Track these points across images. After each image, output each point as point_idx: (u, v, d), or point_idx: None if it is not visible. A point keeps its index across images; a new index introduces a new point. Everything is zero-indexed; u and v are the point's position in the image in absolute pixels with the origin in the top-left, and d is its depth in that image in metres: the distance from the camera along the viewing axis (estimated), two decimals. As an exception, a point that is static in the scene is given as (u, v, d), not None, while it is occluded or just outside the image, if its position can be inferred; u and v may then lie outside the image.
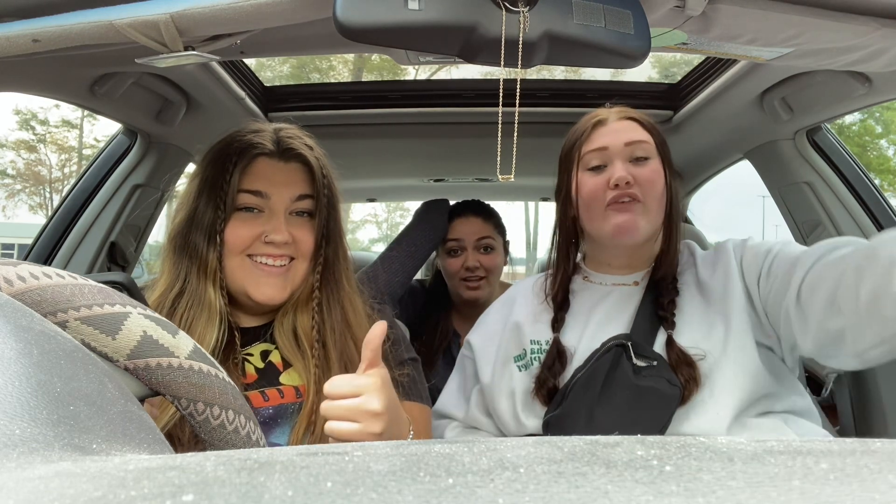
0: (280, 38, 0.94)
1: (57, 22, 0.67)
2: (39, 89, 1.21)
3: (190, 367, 0.39)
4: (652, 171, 1.04)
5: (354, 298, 1.00)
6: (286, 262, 0.95)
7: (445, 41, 0.64)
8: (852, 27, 0.75)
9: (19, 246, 19.55)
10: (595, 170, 1.06)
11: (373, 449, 0.20)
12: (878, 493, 0.16)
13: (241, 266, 0.93)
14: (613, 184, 1.02)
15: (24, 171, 21.44)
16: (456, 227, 1.78)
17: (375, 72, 5.76)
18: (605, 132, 1.07)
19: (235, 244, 0.93)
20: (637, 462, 0.18)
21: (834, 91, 1.35)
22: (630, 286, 1.10)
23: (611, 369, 0.98)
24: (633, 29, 0.67)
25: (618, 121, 1.09)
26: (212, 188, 0.94)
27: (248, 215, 0.94)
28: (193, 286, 0.92)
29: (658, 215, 1.05)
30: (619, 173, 1.01)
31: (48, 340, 0.28)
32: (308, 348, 0.94)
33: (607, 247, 1.10)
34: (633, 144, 1.05)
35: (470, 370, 1.20)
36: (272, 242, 0.93)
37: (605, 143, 1.06)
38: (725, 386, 0.94)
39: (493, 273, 1.79)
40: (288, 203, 0.95)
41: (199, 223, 0.94)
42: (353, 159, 2.21)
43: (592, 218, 1.06)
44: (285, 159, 0.97)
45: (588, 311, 1.10)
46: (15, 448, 0.21)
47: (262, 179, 0.94)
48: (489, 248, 1.78)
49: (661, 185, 1.05)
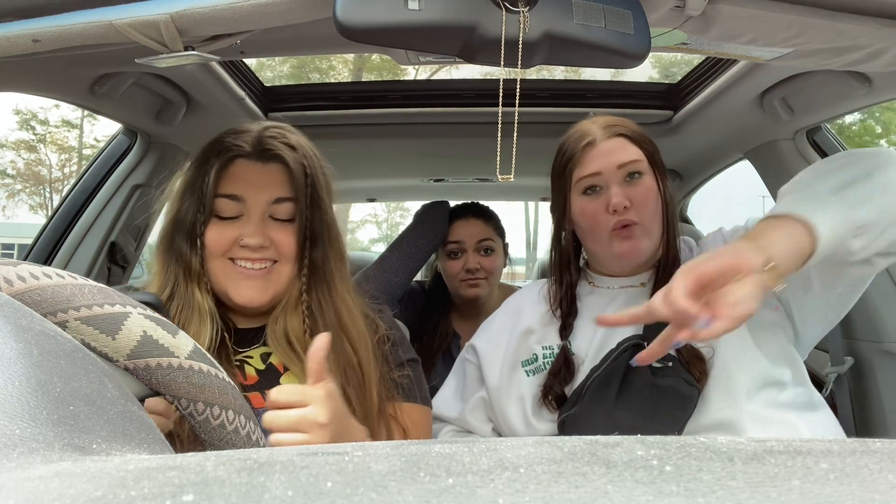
0: (280, 38, 0.94)
1: (57, 22, 0.67)
2: (39, 89, 1.21)
3: (190, 367, 0.39)
4: (646, 189, 1.06)
5: (349, 300, 0.98)
6: (267, 264, 0.93)
7: (445, 41, 0.64)
8: (852, 27, 0.75)
9: (19, 246, 19.54)
10: (591, 193, 1.08)
11: (373, 449, 0.20)
12: (878, 493, 0.16)
13: (222, 269, 0.93)
14: (612, 209, 1.03)
15: (24, 171, 21.45)
16: (456, 230, 1.79)
17: (375, 72, 5.76)
18: (595, 154, 1.07)
19: (215, 248, 0.92)
20: (637, 462, 0.18)
21: (834, 91, 1.35)
22: (637, 287, 1.11)
23: (628, 369, 0.99)
24: (633, 29, 0.67)
25: (606, 140, 1.08)
26: (192, 191, 0.94)
27: (227, 219, 0.93)
28: (182, 289, 0.92)
29: (657, 228, 1.07)
30: (615, 199, 1.03)
31: (48, 340, 0.28)
32: (303, 352, 0.92)
33: (611, 263, 1.12)
34: (625, 166, 1.06)
35: (472, 375, 1.19)
36: (247, 246, 0.91)
37: (597, 169, 1.06)
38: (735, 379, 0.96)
39: (493, 274, 1.79)
40: (265, 206, 0.93)
41: (182, 226, 0.93)
42: (354, 159, 2.21)
43: (596, 242, 1.08)
44: (263, 160, 0.95)
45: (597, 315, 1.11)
46: (15, 448, 0.21)
47: (239, 182, 0.93)
48: (489, 250, 1.79)
49: (656, 199, 1.07)
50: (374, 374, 0.93)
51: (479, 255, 1.77)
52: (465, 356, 1.23)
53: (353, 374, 0.91)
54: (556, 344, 1.09)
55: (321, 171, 0.99)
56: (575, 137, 1.11)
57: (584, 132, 1.11)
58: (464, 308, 1.85)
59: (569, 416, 1.02)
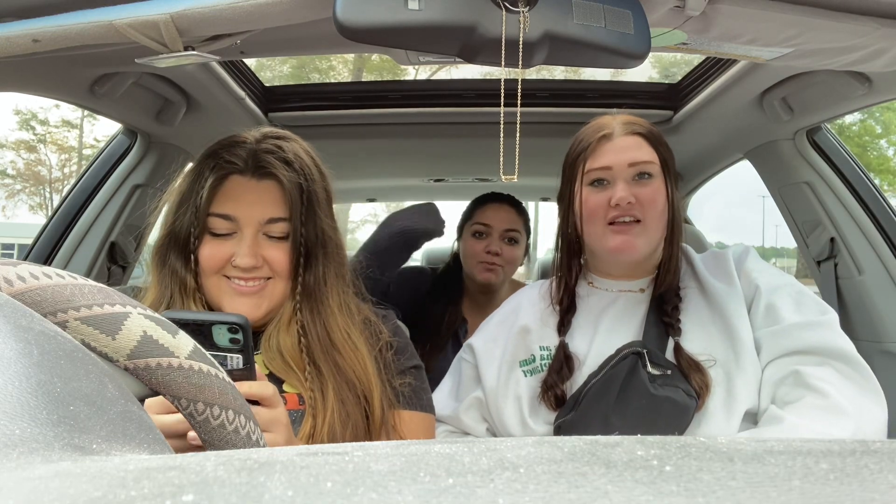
0: (280, 38, 0.94)
1: (57, 22, 0.67)
2: (39, 89, 1.21)
3: (190, 367, 0.39)
4: (654, 190, 1.04)
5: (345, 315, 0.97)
6: (260, 282, 0.93)
7: (445, 41, 0.64)
8: (852, 27, 0.75)
9: (19, 246, 19.54)
10: (598, 185, 1.07)
11: (373, 449, 0.20)
12: (878, 493, 0.16)
13: (216, 285, 0.92)
14: (614, 203, 1.02)
15: (24, 171, 21.45)
16: (487, 212, 1.82)
17: (375, 72, 5.76)
18: (610, 149, 1.06)
19: (209, 266, 0.91)
20: (637, 462, 0.18)
21: (834, 91, 1.35)
22: (636, 293, 1.11)
23: (627, 377, 0.99)
24: (633, 29, 0.67)
25: (623, 136, 1.07)
26: (186, 205, 0.92)
27: (220, 236, 0.92)
28: (178, 304, 0.92)
29: (658, 231, 1.06)
30: (619, 194, 1.02)
31: (48, 340, 0.28)
32: (299, 371, 0.92)
33: (607, 260, 1.12)
34: (636, 165, 1.05)
35: (468, 374, 1.19)
36: (239, 266, 0.90)
37: (609, 163, 1.05)
38: (736, 393, 0.96)
39: (511, 264, 1.82)
40: (258, 225, 0.92)
41: (176, 241, 0.93)
42: (354, 159, 2.21)
43: (592, 233, 1.07)
44: (258, 177, 0.93)
45: (596, 317, 1.10)
46: (15, 448, 0.21)
47: (232, 201, 0.91)
48: (514, 241, 1.82)
49: (663, 203, 1.05)
50: (376, 386, 0.92)
51: (504, 243, 1.80)
52: (462, 356, 1.22)
53: (351, 390, 0.91)
54: (554, 344, 1.09)
55: (320, 182, 0.97)
56: (592, 129, 1.11)
57: (602, 125, 1.10)
58: (476, 295, 1.87)
59: (564, 421, 1.02)
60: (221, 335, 0.71)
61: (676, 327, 1.03)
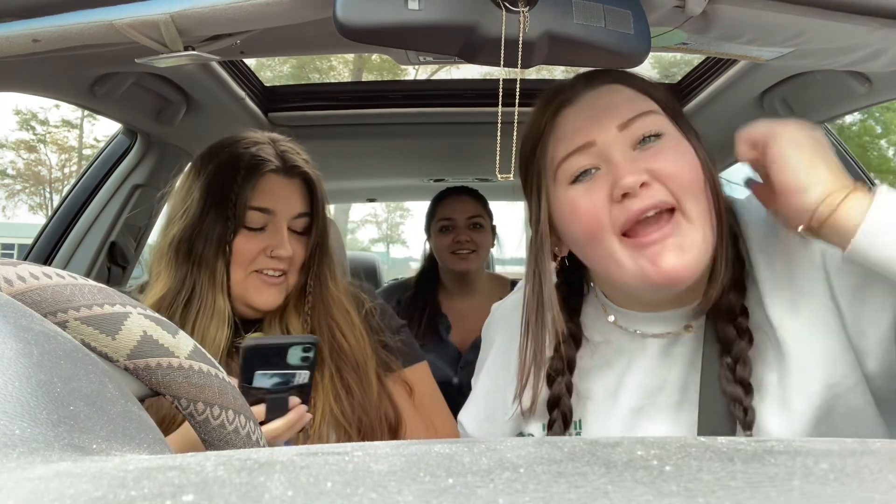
0: (280, 38, 0.94)
1: (57, 22, 0.67)
2: (39, 89, 1.21)
3: (190, 367, 0.39)
4: (674, 152, 0.67)
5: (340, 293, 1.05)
6: (284, 274, 1.00)
7: (445, 41, 0.64)
8: (852, 27, 0.75)
9: (19, 246, 19.54)
10: (583, 178, 0.69)
11: (373, 449, 0.20)
12: (878, 493, 0.16)
13: (246, 277, 0.98)
14: (620, 194, 0.65)
15: (24, 171, 21.45)
16: (448, 206, 1.92)
17: (375, 72, 5.76)
18: (579, 115, 0.70)
19: (243, 258, 0.97)
20: (637, 462, 0.18)
21: (834, 91, 1.35)
22: (678, 334, 0.71)
23: None
24: (633, 29, 0.67)
25: (590, 91, 0.72)
26: (219, 201, 0.97)
27: (254, 230, 0.99)
28: (201, 294, 0.96)
29: (705, 217, 0.66)
30: (625, 177, 0.64)
31: (48, 340, 0.28)
32: None
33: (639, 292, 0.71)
34: (631, 123, 0.68)
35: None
36: (276, 257, 0.97)
37: (586, 137, 0.68)
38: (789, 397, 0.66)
39: (482, 247, 1.91)
40: (289, 219, 1.00)
41: (208, 235, 0.97)
42: (353, 159, 2.21)
43: (603, 258, 0.68)
44: (289, 175, 1.01)
45: (613, 388, 0.74)
46: (15, 448, 0.21)
47: (269, 196, 0.98)
48: (478, 226, 1.92)
49: (696, 168, 0.67)
50: (369, 357, 1.00)
51: (470, 230, 1.89)
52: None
53: (347, 362, 0.98)
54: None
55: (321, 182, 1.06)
56: (541, 101, 0.76)
57: (556, 89, 0.75)
58: (452, 287, 1.95)
59: None
60: (295, 354, 0.76)
61: (750, 407, 0.64)
